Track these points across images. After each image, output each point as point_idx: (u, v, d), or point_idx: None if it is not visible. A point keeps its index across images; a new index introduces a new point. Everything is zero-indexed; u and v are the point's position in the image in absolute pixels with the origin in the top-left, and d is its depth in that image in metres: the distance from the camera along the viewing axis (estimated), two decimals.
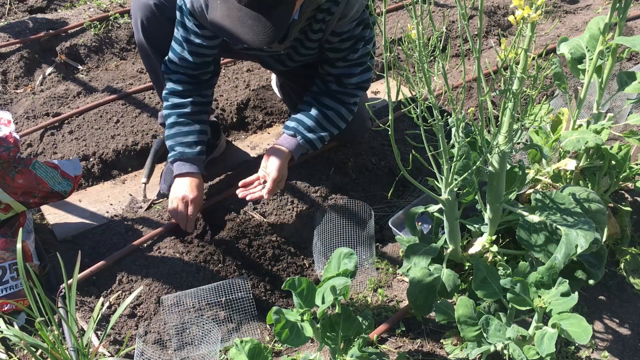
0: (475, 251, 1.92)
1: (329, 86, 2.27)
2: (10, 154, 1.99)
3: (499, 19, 3.66)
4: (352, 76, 2.23)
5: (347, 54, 2.17)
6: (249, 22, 1.76)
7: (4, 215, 2.06)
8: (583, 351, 1.90)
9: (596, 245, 1.77)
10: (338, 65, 2.22)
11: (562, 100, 2.48)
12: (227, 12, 1.77)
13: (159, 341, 1.92)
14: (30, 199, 2.06)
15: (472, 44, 1.46)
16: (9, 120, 2.05)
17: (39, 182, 2.05)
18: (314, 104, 2.28)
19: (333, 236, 2.14)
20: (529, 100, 1.59)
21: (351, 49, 2.16)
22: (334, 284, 1.53)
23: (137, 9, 2.22)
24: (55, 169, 2.10)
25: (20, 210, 2.09)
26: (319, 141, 2.27)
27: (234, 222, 2.23)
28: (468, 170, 1.72)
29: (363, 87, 2.28)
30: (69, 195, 2.13)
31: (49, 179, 2.07)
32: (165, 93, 2.25)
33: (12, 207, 2.05)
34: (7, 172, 2.00)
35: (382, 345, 1.90)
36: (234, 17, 1.76)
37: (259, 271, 2.16)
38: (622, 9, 1.87)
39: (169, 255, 2.13)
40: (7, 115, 2.07)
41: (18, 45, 3.09)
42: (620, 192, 2.35)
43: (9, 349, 1.86)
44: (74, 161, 2.16)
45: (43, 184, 2.06)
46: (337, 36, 2.12)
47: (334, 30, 2.09)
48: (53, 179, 2.08)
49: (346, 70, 2.22)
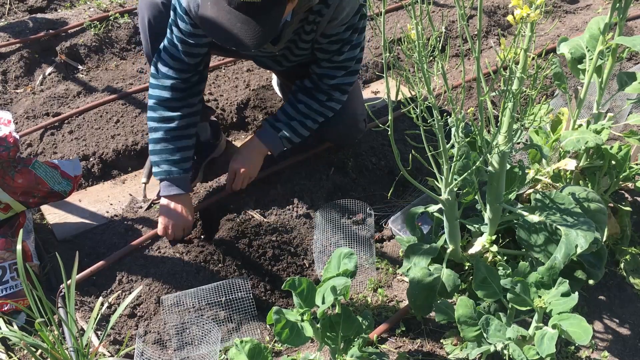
0: (475, 251, 1.92)
1: (305, 83, 2.29)
2: (10, 154, 1.99)
3: (499, 19, 3.66)
4: (333, 78, 2.24)
5: (332, 56, 2.18)
6: (238, 25, 1.76)
7: (4, 215, 2.06)
8: (583, 351, 1.90)
9: (596, 245, 1.77)
10: (323, 65, 2.23)
11: (562, 100, 2.48)
12: (216, 14, 1.77)
13: (159, 341, 1.92)
14: (30, 199, 2.06)
15: (471, 44, 1.46)
16: (8, 120, 2.05)
17: (38, 181, 2.05)
18: (290, 99, 2.33)
19: (333, 236, 2.14)
20: (529, 100, 1.59)
21: (337, 52, 2.17)
22: (334, 284, 1.54)
23: (145, 7, 2.21)
24: (55, 169, 2.10)
25: (19, 210, 2.08)
26: (289, 129, 2.30)
27: (234, 222, 2.23)
28: (468, 170, 1.72)
29: (342, 89, 2.28)
30: (69, 195, 2.13)
31: (49, 179, 2.07)
32: (154, 102, 2.20)
33: (12, 206, 2.05)
34: (6, 171, 2.00)
35: (382, 345, 1.90)
36: (224, 19, 1.76)
37: (259, 271, 2.16)
38: (622, 9, 1.87)
39: (169, 255, 2.13)
40: (7, 115, 2.07)
41: (18, 45, 3.09)
42: (620, 192, 2.35)
43: (9, 349, 1.86)
44: (74, 161, 2.16)
45: (43, 183, 2.05)
46: (326, 38, 2.12)
47: (324, 32, 2.10)
48: (53, 179, 2.08)
49: (329, 71, 2.23)
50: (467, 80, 3.06)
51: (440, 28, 3.19)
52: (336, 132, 2.45)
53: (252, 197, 2.36)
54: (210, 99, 2.92)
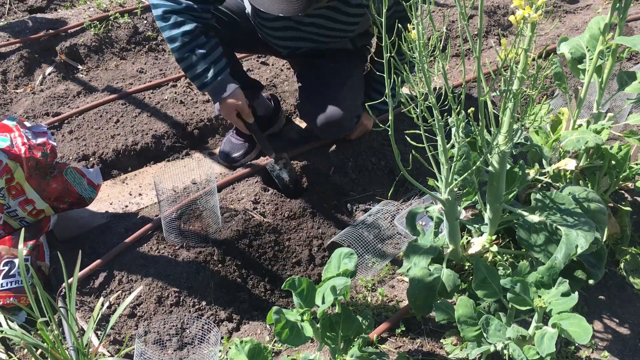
0: (475, 251, 1.92)
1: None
2: (48, 160, 2.07)
3: (499, 19, 3.66)
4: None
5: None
6: None
7: (34, 220, 2.11)
8: (583, 351, 1.90)
9: (596, 245, 1.77)
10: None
11: (562, 100, 2.48)
12: None
13: (159, 341, 1.92)
14: (61, 204, 2.13)
15: (472, 43, 1.46)
16: (44, 132, 2.13)
17: (69, 187, 2.11)
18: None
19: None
20: (529, 100, 1.59)
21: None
22: (334, 284, 1.54)
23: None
24: (82, 176, 2.17)
25: (49, 214, 2.14)
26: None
27: (234, 222, 2.23)
28: (468, 170, 1.72)
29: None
30: (91, 202, 2.20)
31: (77, 185, 2.14)
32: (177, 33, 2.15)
33: (45, 211, 2.11)
34: (43, 177, 2.08)
35: (382, 345, 1.90)
36: None
37: (259, 271, 2.16)
38: (622, 9, 1.87)
39: (169, 255, 2.13)
40: (43, 127, 2.17)
41: (18, 45, 3.09)
42: (620, 192, 2.35)
43: (9, 348, 1.86)
44: (96, 170, 2.24)
45: (72, 189, 2.11)
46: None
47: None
48: (80, 185, 2.15)
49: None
50: (467, 80, 3.06)
51: (441, 28, 3.19)
52: (318, 122, 2.45)
53: (252, 197, 2.36)
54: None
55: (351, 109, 2.45)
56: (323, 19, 2.24)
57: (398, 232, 2.29)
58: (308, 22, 2.27)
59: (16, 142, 2.02)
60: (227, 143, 2.63)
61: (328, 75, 2.46)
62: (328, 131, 2.51)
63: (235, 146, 2.61)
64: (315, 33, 2.31)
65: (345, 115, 2.43)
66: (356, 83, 2.48)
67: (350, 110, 2.45)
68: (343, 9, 2.19)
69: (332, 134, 2.55)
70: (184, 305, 2.02)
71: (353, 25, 2.29)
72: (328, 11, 2.21)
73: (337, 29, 2.29)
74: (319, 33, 2.31)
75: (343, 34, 2.35)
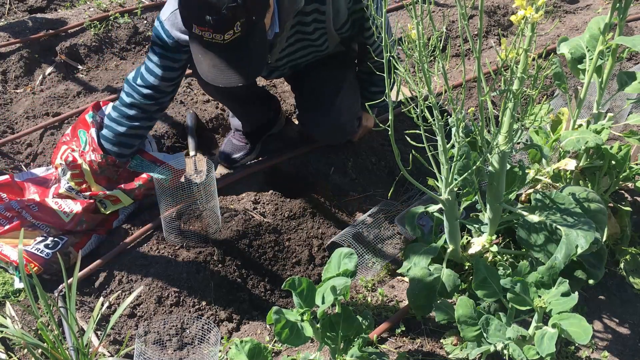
0: (475, 251, 1.92)
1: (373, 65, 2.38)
2: (108, 160, 2.28)
3: (499, 19, 3.66)
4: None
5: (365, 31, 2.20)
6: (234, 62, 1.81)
7: (113, 207, 2.24)
8: (583, 351, 1.90)
9: (596, 245, 1.77)
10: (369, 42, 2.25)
11: (562, 100, 2.48)
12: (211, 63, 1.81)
13: (158, 341, 1.92)
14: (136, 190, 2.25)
15: (472, 43, 1.46)
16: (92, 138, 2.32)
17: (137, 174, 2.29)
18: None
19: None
20: (529, 100, 1.59)
21: (364, 27, 2.18)
22: (334, 284, 1.53)
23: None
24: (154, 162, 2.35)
25: (127, 203, 2.26)
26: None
27: (234, 222, 2.23)
28: (468, 170, 1.72)
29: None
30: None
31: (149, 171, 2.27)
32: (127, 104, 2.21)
33: (121, 199, 2.24)
34: (112, 177, 2.30)
35: (382, 345, 1.90)
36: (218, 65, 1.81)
37: (259, 271, 2.16)
38: (622, 9, 1.86)
39: (169, 255, 2.13)
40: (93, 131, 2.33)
41: (18, 45, 3.09)
42: (620, 192, 2.35)
43: (9, 348, 1.86)
44: (178, 155, 2.37)
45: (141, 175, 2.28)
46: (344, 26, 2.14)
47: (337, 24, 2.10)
48: (150, 169, 2.29)
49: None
50: (467, 80, 3.06)
51: (441, 28, 3.19)
52: (321, 131, 2.46)
53: (252, 197, 2.36)
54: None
55: (351, 112, 2.46)
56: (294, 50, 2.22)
57: (398, 232, 2.30)
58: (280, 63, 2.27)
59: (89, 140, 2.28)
60: (228, 144, 2.63)
61: (322, 83, 2.41)
62: (333, 138, 2.54)
63: (236, 147, 2.61)
64: (293, 62, 2.29)
65: (346, 120, 2.46)
66: (351, 86, 2.46)
67: (350, 114, 2.46)
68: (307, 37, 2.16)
69: (337, 139, 2.58)
70: (184, 305, 2.02)
71: (326, 43, 2.25)
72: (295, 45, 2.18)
73: (313, 52, 2.27)
74: (296, 61, 2.30)
75: (322, 52, 2.31)
